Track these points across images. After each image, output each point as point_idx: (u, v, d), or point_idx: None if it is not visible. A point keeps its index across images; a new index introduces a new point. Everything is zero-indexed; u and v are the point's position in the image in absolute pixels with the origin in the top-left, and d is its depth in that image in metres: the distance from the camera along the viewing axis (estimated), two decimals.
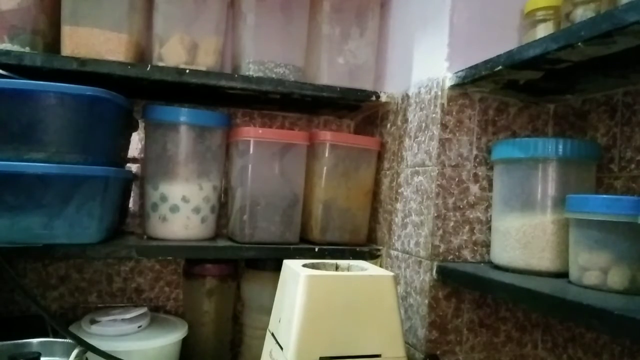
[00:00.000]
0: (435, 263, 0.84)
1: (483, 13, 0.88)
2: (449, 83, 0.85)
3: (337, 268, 0.82)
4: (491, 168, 0.87)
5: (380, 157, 1.08)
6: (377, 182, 1.09)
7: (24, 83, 0.81)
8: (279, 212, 1.01)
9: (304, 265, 0.76)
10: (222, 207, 1.09)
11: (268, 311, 0.81)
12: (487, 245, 0.87)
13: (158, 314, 1.09)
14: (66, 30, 0.91)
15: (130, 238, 0.99)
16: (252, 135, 0.98)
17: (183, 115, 0.98)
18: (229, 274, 1.10)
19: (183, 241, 0.97)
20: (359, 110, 1.17)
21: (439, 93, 0.86)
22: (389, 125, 1.05)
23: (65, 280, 1.09)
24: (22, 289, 0.89)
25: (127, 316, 0.95)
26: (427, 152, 0.88)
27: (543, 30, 0.81)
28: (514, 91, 0.85)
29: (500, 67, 0.73)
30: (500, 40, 0.86)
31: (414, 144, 0.93)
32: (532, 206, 0.77)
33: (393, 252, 0.99)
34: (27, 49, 0.89)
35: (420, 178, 0.90)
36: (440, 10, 0.88)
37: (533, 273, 0.75)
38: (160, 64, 0.97)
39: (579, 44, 0.60)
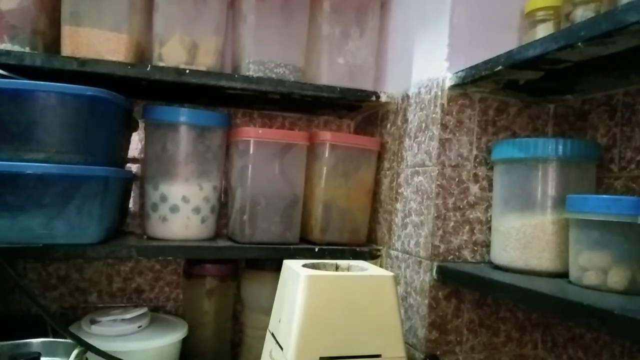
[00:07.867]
0: (435, 263, 0.84)
1: (483, 13, 0.88)
2: (449, 83, 0.85)
3: (337, 268, 0.82)
4: (491, 168, 0.87)
5: (380, 157, 1.08)
6: (377, 182, 1.09)
7: (24, 83, 0.81)
8: (279, 212, 1.01)
9: (304, 266, 0.76)
10: (222, 207, 1.09)
11: (268, 311, 0.81)
12: (487, 245, 0.87)
13: (158, 314, 1.09)
14: (66, 30, 0.91)
15: (130, 238, 0.99)
16: (252, 135, 0.98)
17: (183, 115, 0.98)
18: (228, 274, 1.10)
19: (183, 241, 0.97)
20: (359, 110, 1.17)
21: (439, 93, 0.86)
22: (389, 125, 1.05)
23: (65, 280, 1.10)
24: (22, 289, 0.89)
25: (127, 316, 0.95)
26: (427, 152, 0.88)
27: (543, 31, 0.81)
28: (514, 91, 0.85)
29: (500, 67, 0.73)
30: (500, 40, 0.86)
31: (414, 144, 0.93)
32: (532, 206, 0.77)
33: (393, 252, 0.99)
34: (27, 49, 0.89)
35: (420, 178, 0.90)
36: (440, 10, 0.88)
37: (533, 273, 0.75)
38: (160, 64, 0.97)
39: (579, 44, 0.60)
